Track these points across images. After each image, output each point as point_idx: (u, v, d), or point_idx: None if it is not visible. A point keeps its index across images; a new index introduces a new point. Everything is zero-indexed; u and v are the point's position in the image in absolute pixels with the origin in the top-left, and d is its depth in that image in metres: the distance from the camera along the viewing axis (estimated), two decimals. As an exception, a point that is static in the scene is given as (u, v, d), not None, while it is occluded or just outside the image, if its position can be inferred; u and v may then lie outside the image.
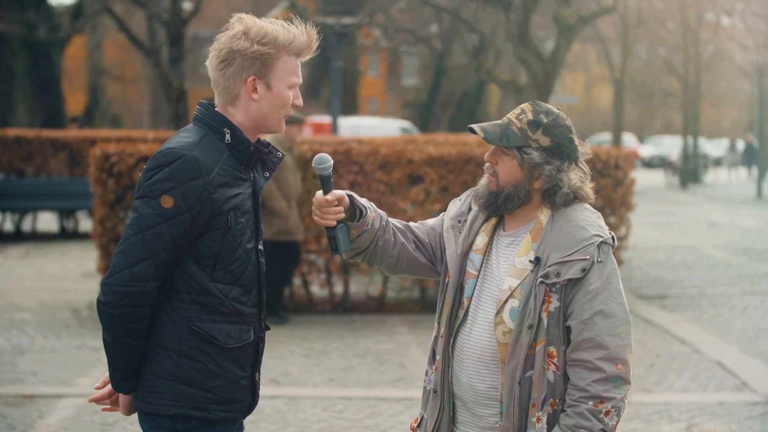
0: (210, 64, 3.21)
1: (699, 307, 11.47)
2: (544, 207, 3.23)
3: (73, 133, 19.30)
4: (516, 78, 18.65)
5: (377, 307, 10.89)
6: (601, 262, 3.12)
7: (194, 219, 3.10)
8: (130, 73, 45.29)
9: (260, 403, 7.53)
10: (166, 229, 3.08)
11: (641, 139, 59.64)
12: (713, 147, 52.83)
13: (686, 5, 34.07)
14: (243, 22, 3.19)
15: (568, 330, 3.13)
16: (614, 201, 11.39)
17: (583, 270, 3.11)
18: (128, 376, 3.18)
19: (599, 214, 3.27)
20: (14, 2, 28.13)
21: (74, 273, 13.25)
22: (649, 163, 51.69)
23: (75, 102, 41.68)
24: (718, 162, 50.54)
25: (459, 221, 3.35)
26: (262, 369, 8.62)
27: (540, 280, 3.12)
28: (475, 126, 3.26)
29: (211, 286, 3.16)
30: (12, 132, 18.48)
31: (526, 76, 15.43)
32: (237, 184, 3.18)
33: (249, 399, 3.32)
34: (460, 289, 3.26)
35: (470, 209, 3.35)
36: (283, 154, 3.36)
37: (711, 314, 11.06)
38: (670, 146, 49.18)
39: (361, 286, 11.50)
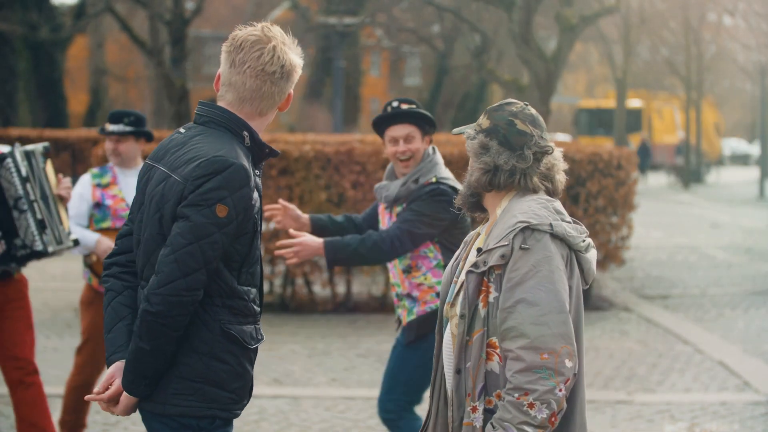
0: (261, 73, 3.18)
1: (701, 307, 11.46)
2: (503, 200, 3.24)
3: (75, 132, 19.32)
4: (518, 78, 18.64)
5: (379, 306, 10.89)
6: (526, 248, 3.07)
7: (238, 226, 3.12)
8: (132, 73, 45.29)
9: (263, 403, 7.54)
10: (219, 238, 3.08)
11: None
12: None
13: (688, 5, 34.03)
14: (274, 31, 3.23)
15: None
16: (616, 201, 11.38)
17: (503, 257, 3.08)
18: (153, 382, 3.17)
19: (553, 202, 3.22)
20: (16, 2, 28.15)
21: (77, 273, 13.24)
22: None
23: (77, 102, 41.69)
24: (720, 162, 50.57)
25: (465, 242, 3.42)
26: (264, 369, 8.63)
27: (470, 269, 3.14)
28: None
29: (239, 288, 3.19)
30: (15, 132, 18.52)
31: (528, 75, 15.43)
32: (255, 187, 3.21)
33: (248, 396, 3.36)
34: (444, 294, 3.31)
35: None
36: (278, 152, 3.37)
37: (713, 314, 11.06)
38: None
39: (363, 285, 11.51)
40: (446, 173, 4.96)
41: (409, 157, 4.93)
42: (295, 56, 3.22)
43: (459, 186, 4.81)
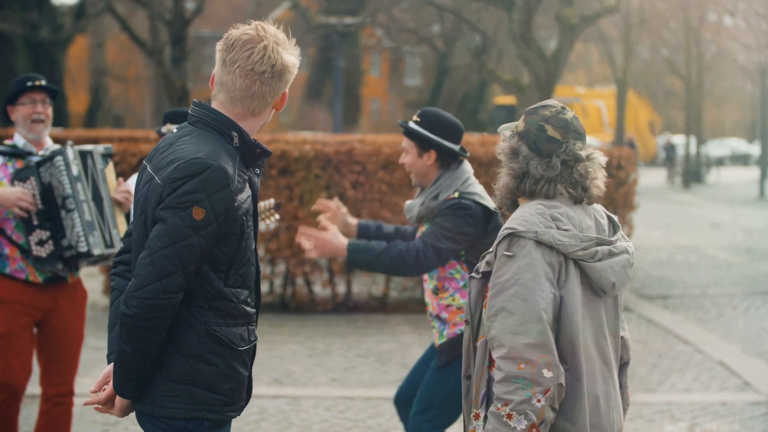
0: (250, 73, 3.15)
1: (701, 307, 11.46)
2: (522, 204, 3.23)
3: (76, 132, 19.33)
4: (518, 78, 18.63)
5: (380, 306, 10.89)
6: (509, 255, 3.04)
7: (219, 228, 3.09)
8: (132, 73, 45.30)
9: (263, 402, 7.53)
10: (197, 241, 3.05)
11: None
12: (713, 147, 52.97)
13: (688, 5, 34.05)
14: (268, 30, 3.19)
15: None
16: (616, 201, 11.39)
17: (488, 264, 3.09)
18: (140, 384, 3.16)
19: (556, 207, 3.14)
20: (16, 2, 28.15)
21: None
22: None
23: (77, 102, 41.70)
24: (720, 162, 50.61)
25: None
26: (265, 369, 8.61)
27: (471, 275, 3.16)
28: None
29: (226, 290, 3.16)
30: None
31: (529, 75, 15.42)
32: (245, 188, 3.18)
33: (246, 397, 3.35)
34: None
35: None
36: (270, 152, 3.34)
37: (713, 314, 11.06)
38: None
39: (363, 285, 11.50)
40: (472, 187, 4.76)
41: (409, 170, 4.87)
42: (289, 56, 3.19)
43: (484, 200, 4.62)
